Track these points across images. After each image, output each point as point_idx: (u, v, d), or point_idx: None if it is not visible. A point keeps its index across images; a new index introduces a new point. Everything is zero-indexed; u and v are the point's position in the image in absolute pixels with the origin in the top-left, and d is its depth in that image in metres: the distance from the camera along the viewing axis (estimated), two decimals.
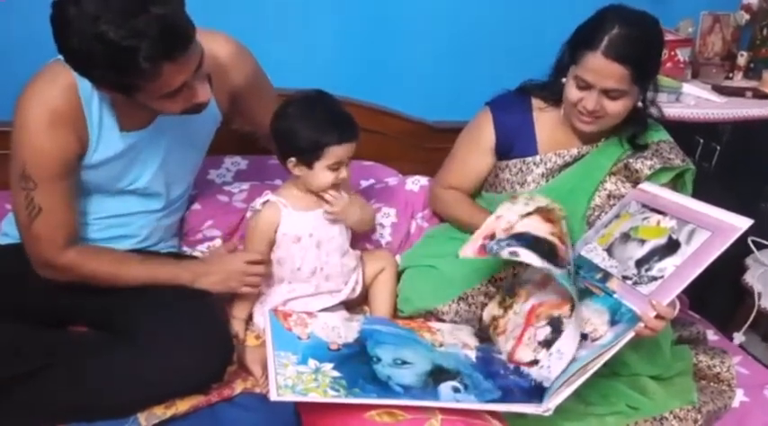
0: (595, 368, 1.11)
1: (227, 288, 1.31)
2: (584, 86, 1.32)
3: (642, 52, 1.28)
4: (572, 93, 1.35)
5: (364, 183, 1.77)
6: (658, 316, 1.12)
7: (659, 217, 1.26)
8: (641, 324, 1.12)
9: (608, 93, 1.30)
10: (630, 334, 1.12)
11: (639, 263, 1.20)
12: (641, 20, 1.31)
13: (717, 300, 2.22)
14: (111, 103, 1.19)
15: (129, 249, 1.33)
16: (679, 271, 1.14)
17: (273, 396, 1.04)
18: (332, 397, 1.06)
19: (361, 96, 1.84)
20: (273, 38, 1.75)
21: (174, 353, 1.14)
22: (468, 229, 1.48)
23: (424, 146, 1.92)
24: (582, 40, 1.31)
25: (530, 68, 1.50)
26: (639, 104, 1.38)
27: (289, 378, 1.08)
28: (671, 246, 1.19)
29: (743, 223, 1.17)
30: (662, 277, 1.15)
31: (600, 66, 1.27)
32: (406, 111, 1.91)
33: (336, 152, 1.29)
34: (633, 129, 1.42)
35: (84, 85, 1.15)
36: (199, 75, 1.12)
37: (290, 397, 1.05)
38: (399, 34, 1.89)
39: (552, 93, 1.43)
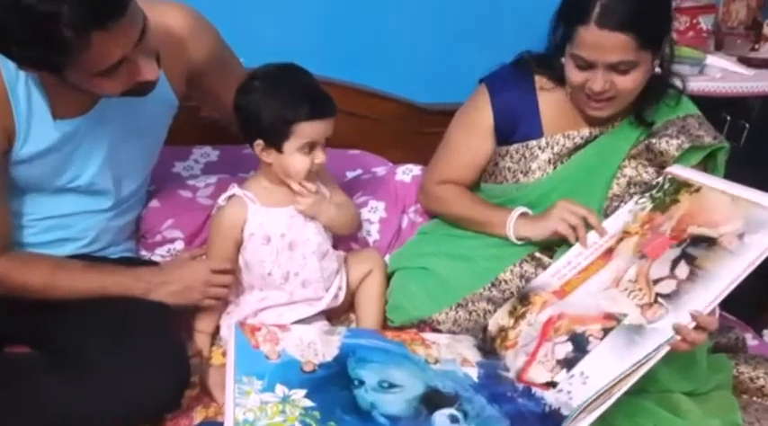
0: (623, 391, 0.93)
1: (188, 301, 1.15)
2: (585, 66, 1.14)
3: (643, 11, 1.10)
4: (573, 75, 1.16)
5: (350, 174, 1.60)
6: (698, 327, 0.94)
7: None
8: (678, 337, 0.94)
9: (615, 68, 1.12)
10: (665, 349, 0.94)
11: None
12: None
13: (747, 294, 2.05)
14: (41, 87, 1.03)
15: (72, 254, 1.16)
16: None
17: None
18: None
19: (346, 76, 1.68)
20: (248, 11, 1.61)
21: (121, 378, 0.98)
22: (473, 228, 1.29)
23: (418, 130, 1.74)
24: (571, 14, 1.14)
25: (532, 42, 1.31)
26: (657, 69, 1.19)
27: (249, 411, 0.90)
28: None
29: None
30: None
31: (597, 40, 1.09)
32: (397, 93, 1.74)
33: (307, 130, 1.12)
34: (646, 99, 1.22)
35: (8, 67, 0.99)
36: (142, 49, 0.95)
37: None
38: (388, 7, 1.72)
39: (555, 71, 1.24)
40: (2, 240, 1.07)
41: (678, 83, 1.28)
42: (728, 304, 1.54)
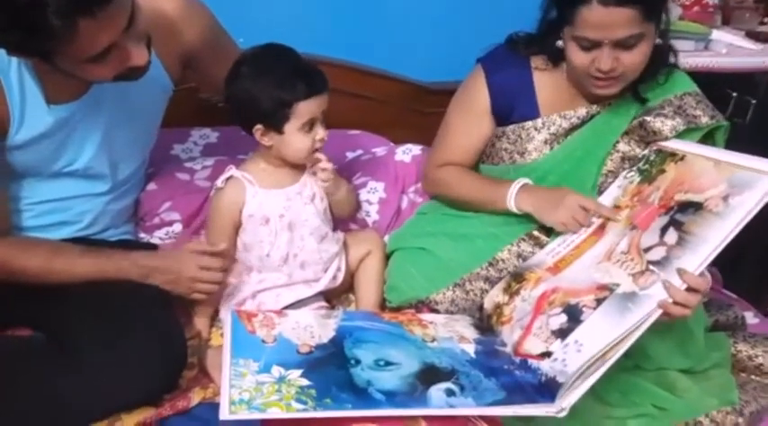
0: (616, 357, 0.92)
1: (176, 292, 1.13)
2: (590, 46, 1.11)
3: None
4: (578, 57, 1.13)
5: (350, 155, 1.59)
6: (689, 289, 0.94)
7: None
8: (668, 299, 0.93)
9: (622, 44, 1.09)
10: (657, 313, 0.94)
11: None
12: None
13: (748, 269, 2.03)
14: (33, 73, 1.03)
15: (70, 237, 1.16)
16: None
17: (224, 415, 0.87)
18: (296, 412, 0.89)
19: (347, 56, 1.66)
20: None
21: (118, 360, 0.98)
22: (476, 207, 1.29)
23: (420, 110, 1.73)
24: None
25: (535, 21, 1.26)
26: (658, 41, 1.16)
27: (245, 391, 0.90)
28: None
29: None
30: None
31: (602, 18, 1.07)
32: (398, 72, 1.71)
33: (306, 108, 1.11)
34: (646, 74, 1.19)
35: (0, 54, 0.98)
36: (131, 34, 0.95)
37: (244, 415, 0.88)
38: None
39: (548, 53, 1.22)
40: (2, 225, 1.08)
41: (675, 58, 1.25)
42: (733, 282, 1.54)
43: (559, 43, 1.18)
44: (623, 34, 1.08)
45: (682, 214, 1.02)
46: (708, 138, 1.23)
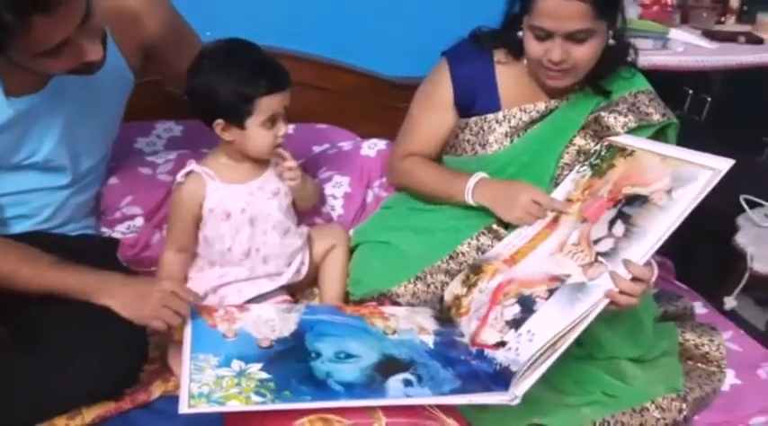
0: (566, 345, 0.96)
1: (138, 314, 1.04)
2: (544, 36, 1.15)
3: None
4: (532, 46, 1.17)
5: (317, 149, 1.60)
6: (635, 279, 0.98)
7: None
8: (614, 288, 0.97)
9: (573, 37, 1.13)
10: (604, 302, 0.97)
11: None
12: None
13: (707, 264, 2.11)
14: None
15: (30, 231, 1.16)
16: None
17: (183, 408, 0.88)
18: (255, 404, 0.90)
19: (315, 50, 1.67)
20: None
21: (78, 353, 0.99)
22: (437, 197, 1.31)
23: (387, 104, 1.74)
24: None
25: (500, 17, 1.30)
26: (611, 41, 1.20)
27: (204, 385, 0.91)
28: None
29: (723, 164, 1.01)
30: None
31: (556, 9, 1.10)
32: (366, 66, 1.73)
33: (268, 104, 1.12)
34: (601, 70, 1.24)
35: None
36: (86, 30, 0.94)
37: (203, 408, 0.88)
38: None
39: (510, 46, 1.25)
40: None
41: (634, 55, 1.29)
42: (688, 275, 1.60)
43: (520, 34, 1.21)
44: (574, 27, 1.12)
45: (629, 207, 1.06)
46: (660, 135, 1.28)
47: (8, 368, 0.98)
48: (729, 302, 1.96)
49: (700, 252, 2.11)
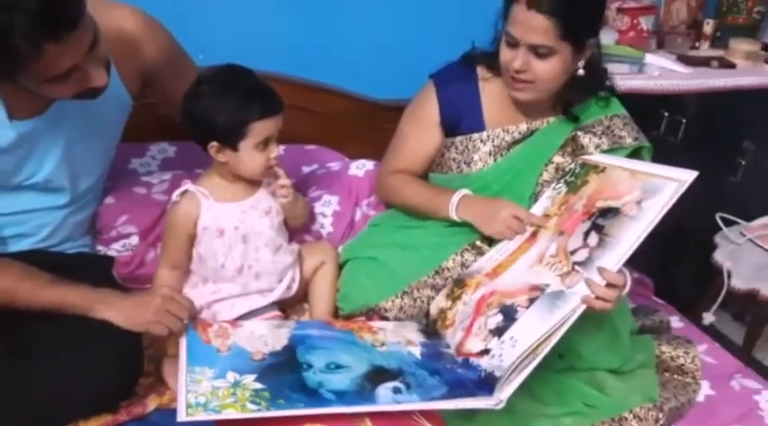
0: (547, 349, 1.00)
1: (139, 321, 1.08)
2: (513, 44, 1.22)
3: (568, 4, 1.17)
4: (503, 52, 1.25)
5: (306, 169, 1.65)
6: (609, 285, 1.03)
7: None
8: (590, 294, 1.02)
9: (535, 51, 1.20)
10: (581, 308, 1.03)
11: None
12: None
13: (686, 280, 2.17)
14: None
15: (29, 249, 1.19)
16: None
17: (182, 417, 0.91)
18: (251, 412, 0.94)
19: (304, 74, 1.72)
20: (203, 11, 1.63)
21: (74, 367, 1.01)
22: (422, 212, 1.37)
23: (374, 126, 1.79)
24: None
25: (485, 43, 1.38)
26: (581, 72, 1.27)
27: (201, 395, 0.95)
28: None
29: (687, 176, 1.08)
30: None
31: (524, 18, 1.18)
32: (354, 90, 1.78)
33: (261, 128, 1.17)
34: (571, 97, 1.31)
35: None
36: (92, 57, 0.99)
37: (201, 416, 0.92)
38: (345, 7, 1.76)
39: (495, 60, 1.31)
40: None
41: (612, 83, 1.36)
42: (667, 292, 1.65)
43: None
44: (536, 41, 1.19)
45: (602, 219, 1.12)
46: (636, 156, 1.34)
47: (4, 384, 1.00)
48: (708, 317, 2.03)
49: (679, 269, 2.17)
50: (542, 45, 1.19)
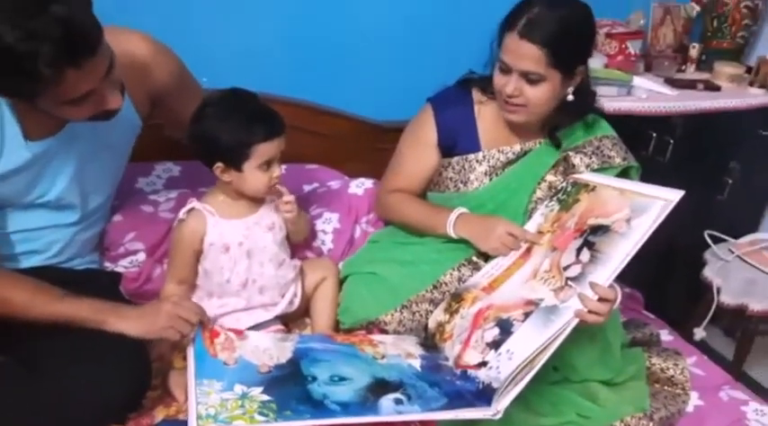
0: (543, 361, 1.05)
1: (153, 328, 1.12)
2: (506, 70, 1.28)
3: (559, 35, 1.23)
4: (496, 78, 1.32)
5: (307, 188, 1.69)
6: (601, 299, 1.08)
7: None
8: (583, 308, 1.07)
9: (527, 77, 1.26)
10: (574, 321, 1.07)
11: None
12: (566, 3, 1.27)
13: (677, 296, 2.21)
14: (13, 111, 1.09)
15: (39, 266, 1.22)
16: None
17: None
18: (259, 423, 0.97)
19: (305, 96, 1.77)
20: (207, 34, 1.68)
21: (85, 381, 1.04)
22: (421, 230, 1.41)
23: (372, 146, 1.84)
24: (505, 23, 1.28)
25: (481, 68, 1.43)
26: (570, 97, 1.33)
27: (211, 407, 0.98)
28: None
29: (674, 195, 1.14)
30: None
31: (516, 47, 1.24)
32: (353, 111, 1.84)
33: (264, 150, 1.21)
34: (560, 120, 1.37)
35: None
36: (109, 81, 1.03)
37: None
38: (344, 31, 1.82)
39: (490, 84, 1.37)
40: None
41: (600, 104, 1.43)
42: (659, 308, 1.69)
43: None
44: (527, 68, 1.25)
45: (593, 236, 1.18)
46: (625, 175, 1.40)
47: (16, 398, 1.02)
48: (699, 333, 2.07)
49: (669, 286, 2.22)
50: (533, 72, 1.25)
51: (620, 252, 1.11)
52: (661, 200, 1.14)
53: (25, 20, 0.87)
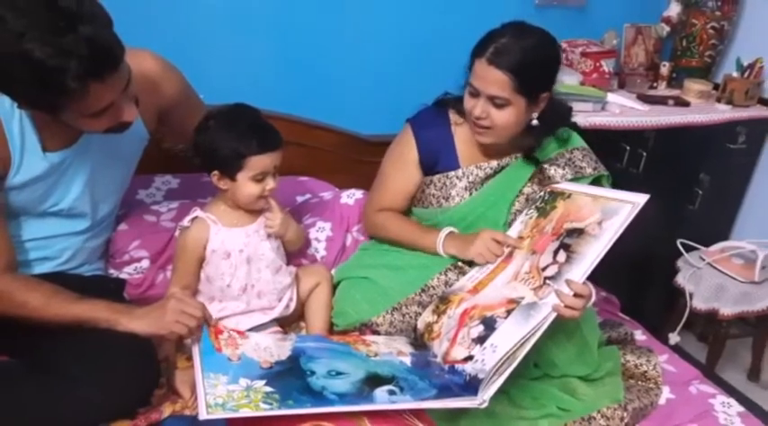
0: (524, 353, 1.13)
1: (162, 324, 1.18)
2: (475, 93, 1.36)
3: (524, 63, 1.30)
4: (466, 101, 1.40)
5: (300, 199, 1.77)
6: (576, 295, 1.17)
7: None
8: (560, 303, 1.16)
9: (493, 101, 1.34)
10: (552, 316, 1.16)
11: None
12: (533, 34, 1.34)
13: (651, 302, 2.31)
14: (32, 123, 1.17)
15: (50, 272, 1.28)
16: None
17: (203, 415, 1.01)
18: (264, 411, 1.04)
19: (297, 112, 1.86)
20: (205, 53, 1.77)
21: (97, 379, 1.10)
22: (406, 246, 1.50)
23: (360, 159, 1.94)
24: (475, 50, 1.36)
25: (459, 89, 1.50)
26: (535, 122, 1.41)
27: (219, 397, 1.05)
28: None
29: (640, 199, 1.24)
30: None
31: (484, 73, 1.32)
32: (342, 126, 1.93)
33: (258, 162, 1.29)
34: (527, 142, 1.46)
35: (3, 104, 1.12)
36: (126, 95, 1.11)
37: (220, 414, 1.02)
38: (333, 53, 1.92)
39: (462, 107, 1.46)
40: (7, 258, 1.18)
41: (575, 119, 1.53)
42: (635, 313, 1.78)
43: None
44: (493, 92, 1.33)
45: (569, 238, 1.27)
46: (597, 183, 1.50)
47: (30, 398, 1.07)
48: (673, 338, 2.17)
49: (644, 292, 2.32)
50: (499, 96, 1.33)
51: (592, 252, 1.21)
52: (629, 204, 1.24)
53: (56, 38, 0.94)
